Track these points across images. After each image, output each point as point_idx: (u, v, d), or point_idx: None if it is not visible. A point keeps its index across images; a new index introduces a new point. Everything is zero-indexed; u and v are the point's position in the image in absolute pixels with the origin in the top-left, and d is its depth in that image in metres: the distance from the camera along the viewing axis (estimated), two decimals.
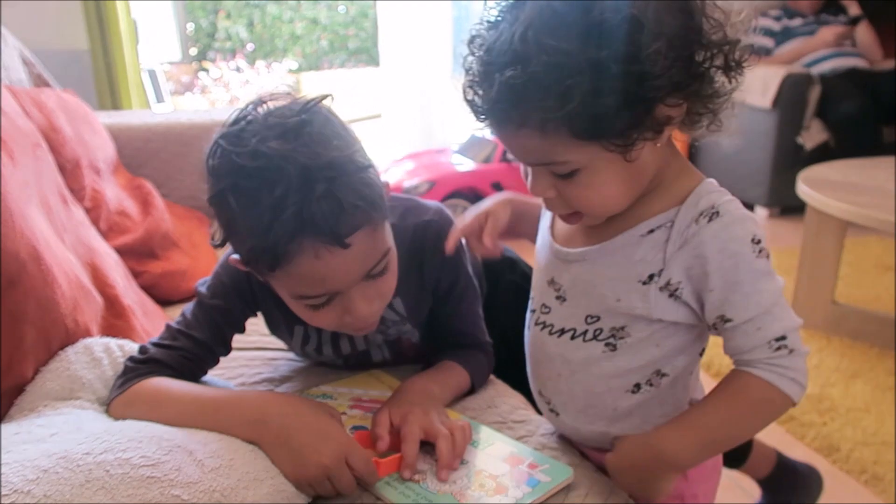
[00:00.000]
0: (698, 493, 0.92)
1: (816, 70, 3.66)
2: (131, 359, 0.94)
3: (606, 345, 0.84)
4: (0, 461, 0.62)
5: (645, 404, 0.86)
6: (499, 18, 0.71)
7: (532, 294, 0.94)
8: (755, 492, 1.52)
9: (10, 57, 1.71)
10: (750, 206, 3.76)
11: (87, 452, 0.66)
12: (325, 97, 0.84)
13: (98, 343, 0.95)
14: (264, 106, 0.82)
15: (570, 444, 0.94)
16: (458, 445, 0.85)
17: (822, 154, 3.32)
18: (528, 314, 0.95)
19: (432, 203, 1.07)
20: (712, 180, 0.81)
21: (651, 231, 0.79)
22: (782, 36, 3.94)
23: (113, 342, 0.97)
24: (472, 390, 1.06)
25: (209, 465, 0.71)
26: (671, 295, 0.79)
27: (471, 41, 0.74)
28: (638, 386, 0.85)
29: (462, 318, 1.09)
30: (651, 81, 0.66)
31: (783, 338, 0.76)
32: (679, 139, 0.84)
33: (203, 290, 1.00)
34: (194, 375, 0.97)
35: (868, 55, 3.81)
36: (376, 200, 0.82)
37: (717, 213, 0.76)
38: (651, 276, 0.79)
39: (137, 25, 3.51)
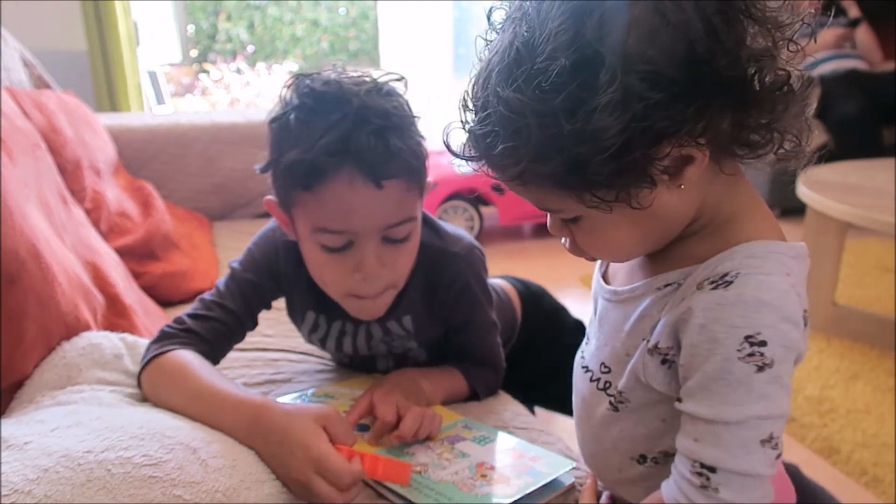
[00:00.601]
0: None
1: (816, 72, 3.66)
2: (168, 326, 0.96)
3: (610, 403, 0.74)
4: (0, 460, 0.62)
5: (651, 478, 0.73)
6: (484, 53, 0.64)
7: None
8: None
9: (11, 58, 1.71)
10: None
11: (88, 451, 0.65)
12: (400, 77, 0.92)
13: (97, 333, 0.95)
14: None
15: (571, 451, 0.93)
16: (423, 427, 0.87)
17: (822, 156, 3.32)
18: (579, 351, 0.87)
19: (468, 239, 1.04)
20: (782, 244, 0.66)
21: (667, 286, 0.68)
22: None
23: (112, 334, 0.97)
24: (478, 399, 1.07)
25: (213, 465, 0.71)
26: (663, 361, 0.67)
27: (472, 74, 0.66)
28: (643, 458, 0.74)
29: (474, 344, 1.08)
30: (633, 128, 0.54)
31: (711, 469, 0.61)
32: None
33: (236, 265, 1.03)
34: (225, 347, 1.01)
35: (868, 57, 3.81)
36: (418, 163, 0.88)
37: (729, 282, 0.60)
38: (648, 336, 0.68)
39: (138, 27, 3.51)
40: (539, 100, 0.55)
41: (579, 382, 0.81)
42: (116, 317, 1.12)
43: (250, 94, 6.31)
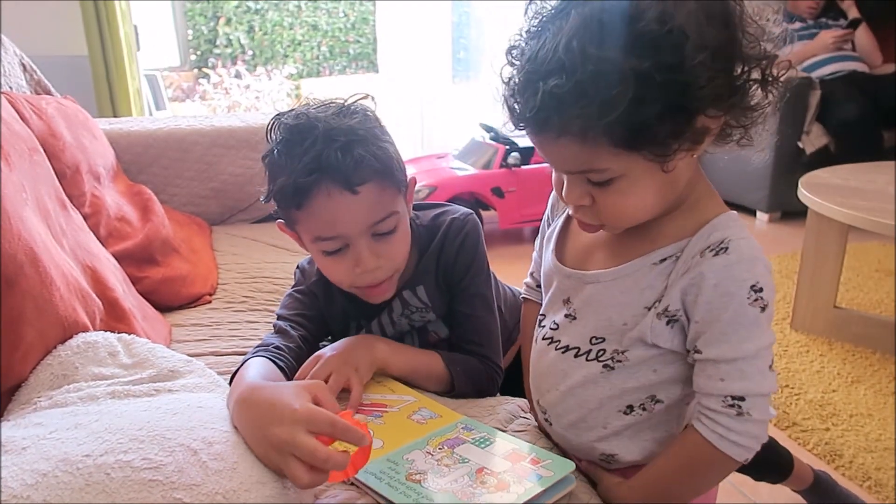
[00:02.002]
0: None
1: (816, 74, 3.66)
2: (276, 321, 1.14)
3: (605, 365, 0.85)
4: (0, 465, 0.62)
5: (635, 426, 0.87)
6: (541, 29, 0.72)
7: (542, 311, 0.97)
8: (756, 496, 1.51)
9: (10, 64, 1.71)
10: (751, 211, 3.76)
11: (87, 454, 0.65)
12: (365, 96, 1.05)
13: (92, 333, 0.95)
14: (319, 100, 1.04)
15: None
16: (339, 382, 0.98)
17: (823, 158, 3.32)
18: (537, 329, 0.97)
19: (465, 209, 1.16)
20: (733, 213, 0.81)
21: (663, 260, 0.80)
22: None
23: (108, 333, 0.96)
24: (455, 391, 1.08)
25: (213, 467, 0.70)
26: (669, 322, 0.80)
27: (509, 51, 0.75)
28: (631, 408, 0.86)
29: (472, 323, 1.13)
30: (694, 92, 0.67)
31: (741, 398, 0.76)
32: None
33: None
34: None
35: (868, 59, 3.81)
36: (388, 164, 0.99)
37: (726, 248, 0.75)
38: (655, 303, 0.80)
39: (138, 31, 3.52)
40: (636, 57, 0.65)
41: (554, 362, 0.91)
42: (115, 321, 1.12)
43: (250, 99, 6.32)
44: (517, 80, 0.73)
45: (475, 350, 1.12)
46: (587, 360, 0.87)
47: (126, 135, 2.04)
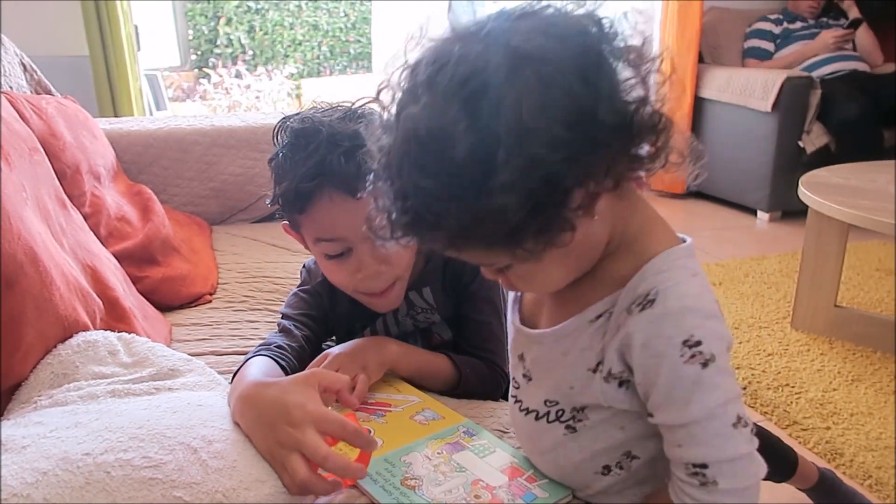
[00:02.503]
0: None
1: (817, 73, 3.66)
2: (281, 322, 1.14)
3: (567, 427, 0.78)
4: (0, 463, 0.62)
5: (618, 485, 0.80)
6: (387, 127, 0.65)
7: (510, 365, 0.91)
8: None
9: (10, 63, 1.71)
10: (752, 211, 3.76)
11: (87, 453, 0.65)
12: (372, 100, 0.95)
13: (92, 332, 0.95)
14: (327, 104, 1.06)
15: None
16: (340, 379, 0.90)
17: (824, 158, 3.32)
18: (511, 385, 0.91)
19: None
20: (676, 249, 0.71)
21: (598, 317, 0.73)
22: (782, 39, 3.94)
23: (108, 332, 0.96)
24: (461, 391, 1.08)
25: (213, 465, 0.70)
26: (620, 384, 0.72)
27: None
28: (608, 468, 0.78)
29: (479, 328, 1.13)
30: (528, 202, 0.58)
31: (702, 466, 0.66)
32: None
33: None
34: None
35: (868, 58, 3.81)
36: None
37: (652, 301, 0.66)
38: (597, 365, 0.73)
39: (139, 31, 3.52)
40: (451, 185, 0.58)
41: (522, 424, 0.85)
42: (115, 321, 1.12)
43: (250, 99, 6.32)
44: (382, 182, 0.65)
45: (483, 355, 1.11)
46: (548, 422, 0.80)
47: (126, 134, 2.04)
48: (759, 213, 3.74)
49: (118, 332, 1.06)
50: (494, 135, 0.56)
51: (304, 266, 1.24)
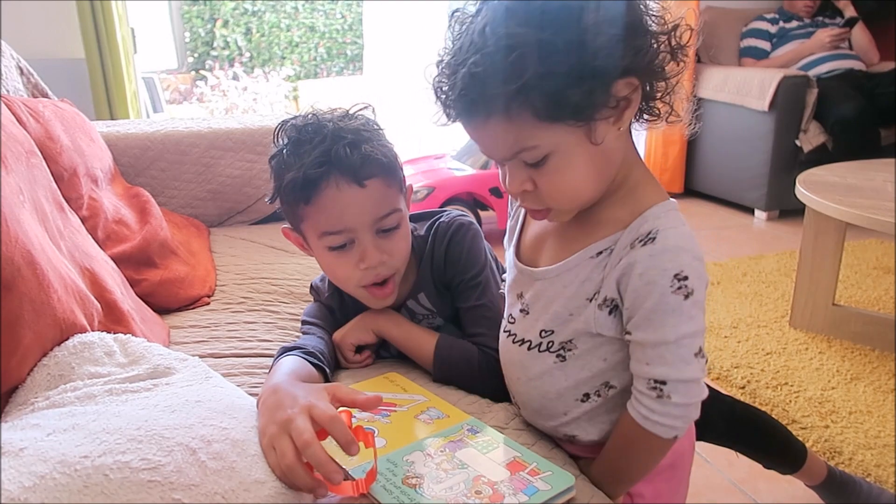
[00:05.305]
0: (644, 492, 0.96)
1: (813, 72, 3.66)
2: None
3: (557, 356, 0.90)
4: None
5: (592, 411, 0.92)
6: (461, 34, 0.78)
7: (506, 304, 1.01)
8: (757, 495, 1.51)
9: (7, 67, 1.71)
10: (749, 210, 3.76)
11: (85, 456, 0.65)
12: (366, 106, 1.12)
13: (88, 334, 0.95)
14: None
15: (570, 457, 0.96)
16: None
17: (820, 156, 3.33)
18: (503, 321, 1.02)
19: (456, 212, 1.21)
20: (671, 202, 0.84)
21: (599, 253, 0.84)
22: (779, 39, 3.94)
23: (104, 333, 0.96)
24: (436, 370, 1.10)
25: (212, 466, 0.70)
26: (610, 311, 0.84)
27: (438, 63, 0.81)
28: (587, 395, 0.91)
29: (468, 314, 1.15)
30: (600, 59, 0.71)
31: (662, 382, 0.80)
32: (677, 142, 0.89)
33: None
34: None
35: (864, 57, 3.82)
36: (391, 163, 1.05)
37: (653, 238, 0.78)
38: (594, 294, 0.84)
39: (135, 34, 3.51)
40: (539, 27, 0.70)
41: (513, 354, 0.97)
42: (113, 323, 1.12)
43: (247, 101, 6.32)
44: (443, 73, 0.79)
45: (475, 339, 1.12)
46: (539, 351, 0.91)
47: (123, 137, 2.04)
48: (756, 212, 3.75)
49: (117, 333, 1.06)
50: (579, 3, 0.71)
51: (311, 287, 1.30)
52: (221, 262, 1.75)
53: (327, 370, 1.06)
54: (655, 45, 0.77)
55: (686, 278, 0.77)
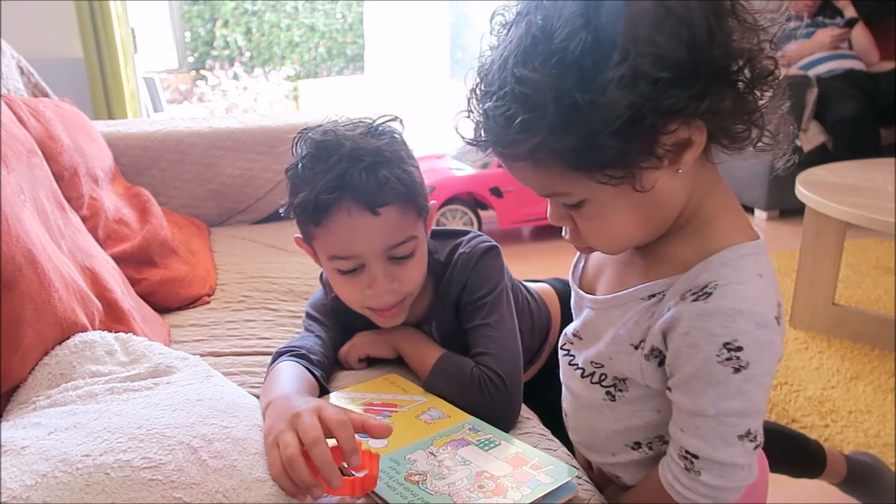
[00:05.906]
0: None
1: (813, 72, 3.66)
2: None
3: (607, 393, 0.82)
4: (0, 466, 0.62)
5: (642, 461, 0.83)
6: (499, 41, 0.69)
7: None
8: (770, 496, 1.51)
9: (8, 67, 1.71)
10: (749, 210, 3.76)
11: (86, 454, 0.65)
12: (394, 118, 1.05)
13: (89, 333, 0.95)
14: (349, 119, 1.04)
15: (574, 457, 0.94)
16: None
17: (821, 156, 3.32)
18: (562, 336, 0.94)
19: (480, 237, 1.14)
20: (749, 245, 0.70)
21: (652, 296, 0.74)
22: None
23: (105, 332, 0.96)
24: (424, 384, 1.05)
25: (213, 465, 0.70)
26: (659, 363, 0.74)
27: (479, 69, 0.70)
28: (638, 444, 0.82)
29: (472, 334, 1.07)
30: (638, 108, 0.59)
31: (694, 456, 0.70)
32: None
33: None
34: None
35: (865, 57, 3.82)
36: (411, 188, 0.99)
37: (707, 294, 0.67)
38: (640, 342, 0.74)
39: (135, 34, 3.51)
40: (555, 77, 0.60)
41: (569, 379, 0.89)
42: (114, 323, 1.12)
43: (248, 100, 6.32)
44: (478, 87, 0.69)
45: (477, 358, 1.04)
46: (591, 382, 0.83)
47: (124, 137, 2.04)
48: (756, 211, 3.75)
49: (117, 332, 1.06)
50: (609, 38, 0.59)
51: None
52: (222, 262, 1.75)
53: (322, 381, 1.02)
54: (727, 78, 0.64)
55: (740, 349, 0.65)
